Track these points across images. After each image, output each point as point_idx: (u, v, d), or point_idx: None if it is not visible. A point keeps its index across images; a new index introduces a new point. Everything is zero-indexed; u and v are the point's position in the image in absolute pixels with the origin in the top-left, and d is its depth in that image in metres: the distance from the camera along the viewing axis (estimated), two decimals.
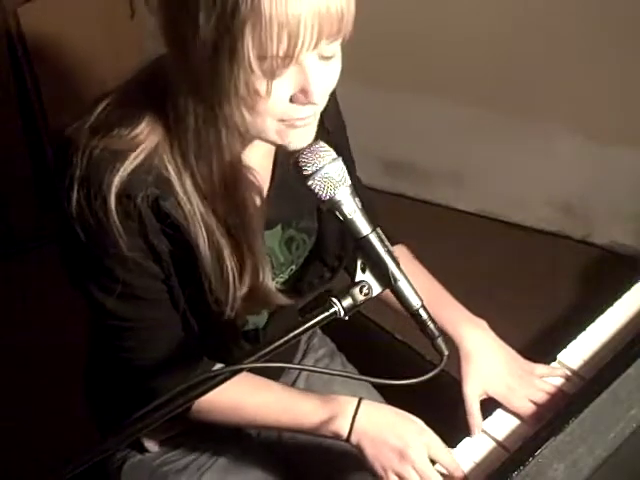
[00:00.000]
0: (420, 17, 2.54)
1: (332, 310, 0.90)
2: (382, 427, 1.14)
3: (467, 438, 1.20)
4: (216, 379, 0.84)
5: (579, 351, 1.27)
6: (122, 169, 0.98)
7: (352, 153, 1.31)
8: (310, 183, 0.92)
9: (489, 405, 1.24)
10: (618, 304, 1.32)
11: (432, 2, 2.55)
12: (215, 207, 1.03)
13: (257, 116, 0.95)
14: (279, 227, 1.17)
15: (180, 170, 1.01)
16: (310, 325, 0.89)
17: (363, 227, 0.93)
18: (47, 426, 2.18)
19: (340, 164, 0.93)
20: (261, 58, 0.88)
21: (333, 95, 1.02)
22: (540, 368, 1.27)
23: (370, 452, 1.13)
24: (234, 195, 1.03)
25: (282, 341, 0.88)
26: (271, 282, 1.12)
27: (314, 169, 0.92)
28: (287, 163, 1.10)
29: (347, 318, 0.91)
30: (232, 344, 1.19)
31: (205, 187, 1.02)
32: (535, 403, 1.22)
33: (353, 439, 1.14)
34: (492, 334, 1.29)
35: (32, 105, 2.71)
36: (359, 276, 0.93)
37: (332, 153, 0.94)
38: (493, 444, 1.19)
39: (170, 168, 1.00)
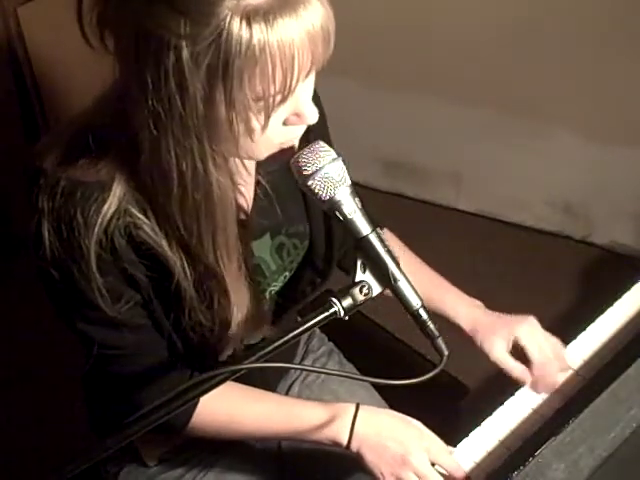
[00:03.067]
0: (420, 17, 2.54)
1: (332, 310, 0.90)
2: (381, 433, 1.13)
3: (466, 439, 1.20)
4: (216, 379, 0.84)
5: (579, 351, 1.28)
6: (91, 204, 0.95)
7: (343, 147, 1.28)
8: (310, 183, 0.92)
9: (489, 406, 1.24)
10: (618, 304, 1.32)
11: (432, 2, 2.55)
12: (190, 239, 0.99)
13: (251, 148, 0.94)
14: (267, 236, 1.16)
15: (145, 209, 0.98)
16: (310, 325, 0.89)
17: (363, 227, 0.93)
18: (47, 426, 2.18)
19: (340, 164, 0.93)
20: (258, 99, 0.87)
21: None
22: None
23: (371, 459, 1.13)
24: (214, 223, 0.98)
25: (282, 341, 0.87)
26: (264, 308, 1.12)
27: (314, 169, 0.92)
28: (270, 170, 1.10)
29: (347, 318, 0.91)
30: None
31: (180, 220, 0.97)
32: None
33: (353, 446, 1.13)
34: (490, 312, 1.30)
35: (32, 105, 2.71)
36: (359, 276, 0.93)
37: (332, 153, 0.94)
38: (494, 443, 1.19)
39: (135, 207, 0.97)
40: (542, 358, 1.24)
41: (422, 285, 1.20)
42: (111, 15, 0.89)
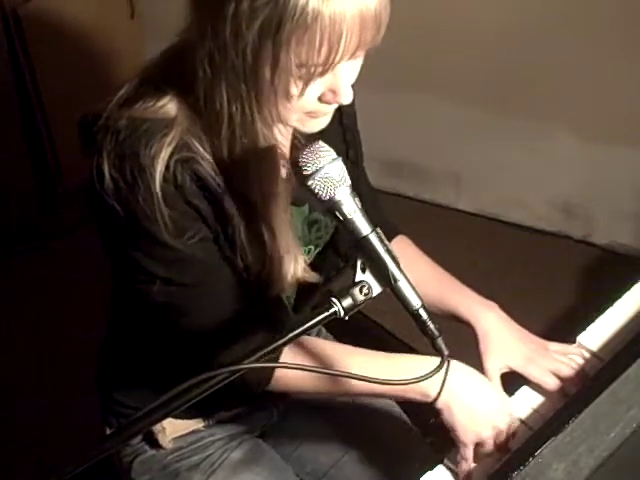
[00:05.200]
0: (420, 17, 2.54)
1: (332, 310, 0.89)
2: (476, 394, 1.14)
3: None
4: (215, 379, 0.84)
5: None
6: (154, 137, 0.99)
7: None
8: (310, 183, 0.92)
9: None
10: (618, 304, 1.32)
11: (433, 2, 2.55)
12: (241, 181, 1.04)
13: (285, 111, 0.99)
14: (306, 207, 1.20)
15: (205, 146, 1.03)
16: (310, 325, 0.89)
17: (363, 227, 0.93)
18: (48, 426, 2.18)
19: (340, 164, 0.93)
20: (301, 66, 0.93)
21: None
22: (554, 345, 1.29)
23: (461, 418, 1.12)
24: (261, 170, 1.05)
25: (282, 341, 0.87)
26: (303, 256, 1.13)
27: (314, 169, 0.92)
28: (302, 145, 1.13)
29: (347, 318, 0.91)
30: (275, 316, 1.18)
31: (230, 165, 1.03)
32: (555, 376, 1.23)
33: (441, 400, 1.12)
34: (504, 314, 1.30)
35: (32, 105, 2.71)
36: (359, 276, 0.93)
37: (332, 153, 0.94)
38: None
39: (196, 142, 1.02)
40: (552, 386, 1.24)
41: (438, 288, 1.18)
42: None
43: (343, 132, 1.24)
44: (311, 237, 1.22)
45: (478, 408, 1.13)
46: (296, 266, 1.12)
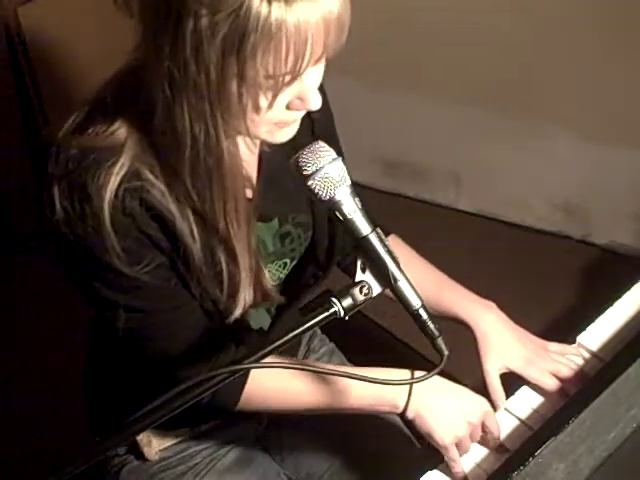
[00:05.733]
0: (420, 17, 2.54)
1: (332, 310, 0.89)
2: (442, 396, 1.15)
3: None
4: (215, 379, 0.84)
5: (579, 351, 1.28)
6: (102, 167, 0.97)
7: (343, 147, 1.30)
8: (310, 183, 0.92)
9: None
10: (618, 304, 1.32)
11: (434, 2, 2.55)
12: (202, 205, 1.02)
13: (254, 124, 0.97)
14: (276, 221, 1.17)
15: (156, 173, 1.00)
16: (310, 325, 0.89)
17: (363, 227, 0.93)
18: (47, 426, 2.18)
19: (340, 164, 0.93)
20: (268, 77, 0.90)
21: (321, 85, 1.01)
22: (553, 345, 1.28)
23: (434, 422, 1.13)
24: (225, 191, 1.01)
25: (282, 341, 0.87)
26: (266, 276, 1.12)
27: (314, 169, 0.92)
28: (273, 157, 1.12)
29: (347, 318, 0.91)
30: (240, 338, 1.18)
31: (191, 188, 1.00)
32: (555, 376, 1.23)
33: (410, 409, 1.14)
34: (503, 315, 1.30)
35: (32, 105, 2.71)
36: (359, 276, 0.93)
37: (332, 153, 0.94)
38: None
39: (146, 170, 0.99)
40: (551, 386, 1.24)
41: (433, 288, 1.20)
42: None
43: (312, 126, 1.21)
44: (285, 250, 1.20)
45: (447, 409, 1.15)
46: (256, 290, 1.11)
